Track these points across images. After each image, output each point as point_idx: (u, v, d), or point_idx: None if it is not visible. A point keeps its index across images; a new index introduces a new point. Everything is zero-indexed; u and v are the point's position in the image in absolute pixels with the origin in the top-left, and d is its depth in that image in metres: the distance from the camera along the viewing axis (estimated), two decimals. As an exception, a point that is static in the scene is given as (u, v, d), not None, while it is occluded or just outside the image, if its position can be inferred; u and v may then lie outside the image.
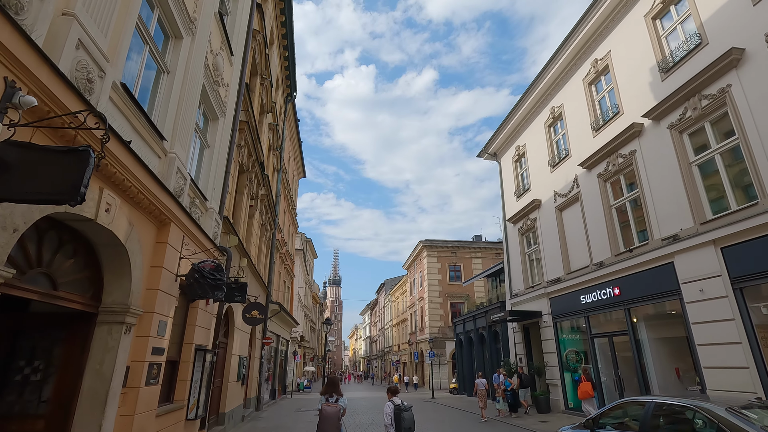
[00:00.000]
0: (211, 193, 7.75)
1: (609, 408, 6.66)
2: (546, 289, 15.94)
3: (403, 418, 5.46)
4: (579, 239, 14.46)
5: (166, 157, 5.59)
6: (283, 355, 24.76)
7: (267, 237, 16.48)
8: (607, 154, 13.02)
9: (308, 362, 45.26)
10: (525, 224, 18.19)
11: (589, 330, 13.59)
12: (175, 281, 5.74)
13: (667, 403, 5.56)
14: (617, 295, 12.18)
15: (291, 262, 26.60)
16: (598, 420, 6.42)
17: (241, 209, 10.90)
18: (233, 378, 11.21)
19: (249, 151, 11.16)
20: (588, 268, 13.68)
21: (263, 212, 14.87)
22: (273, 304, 17.66)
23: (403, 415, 5.49)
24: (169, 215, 5.41)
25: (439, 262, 38.25)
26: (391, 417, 5.54)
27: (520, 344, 17.82)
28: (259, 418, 14.16)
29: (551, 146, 16.86)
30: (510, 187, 20.23)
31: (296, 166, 27.84)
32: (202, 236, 6.69)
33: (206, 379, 7.23)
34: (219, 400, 10.31)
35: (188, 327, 6.80)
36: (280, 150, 19.20)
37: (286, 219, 23.82)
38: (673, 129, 10.63)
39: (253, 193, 12.58)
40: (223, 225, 8.69)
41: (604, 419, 6.41)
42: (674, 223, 10.42)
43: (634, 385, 11.86)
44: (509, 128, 20.01)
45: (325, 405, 5.77)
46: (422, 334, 37.96)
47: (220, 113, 8.15)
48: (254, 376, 15.43)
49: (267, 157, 15.93)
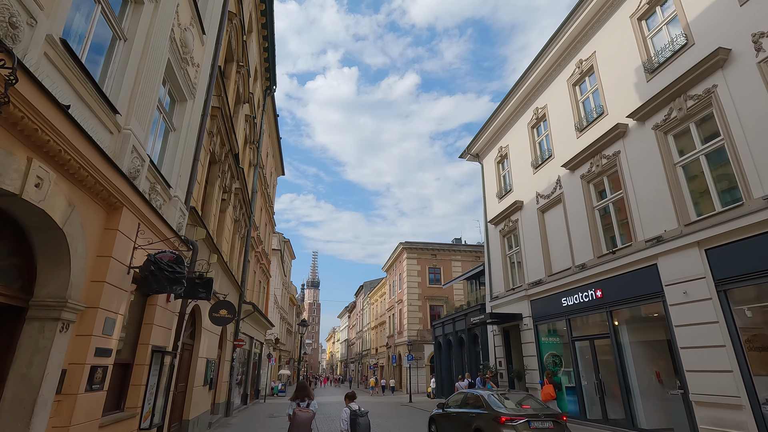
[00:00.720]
0: (176, 180, 7.11)
1: (451, 397, 11.17)
2: (527, 291, 15.73)
3: (358, 423, 5.51)
4: (561, 241, 14.30)
5: (119, 133, 4.96)
6: (257, 358, 23.87)
7: (241, 234, 15.74)
8: (591, 155, 12.90)
9: (284, 365, 44.16)
10: (507, 226, 18.00)
11: (570, 333, 13.41)
12: (127, 274, 5.10)
13: (471, 392, 10.06)
14: (599, 297, 12.02)
15: (267, 262, 25.76)
16: (446, 405, 10.85)
17: (212, 202, 10.22)
18: (199, 382, 10.47)
19: (222, 141, 10.50)
20: (570, 270, 13.52)
21: (237, 207, 14.16)
22: (246, 304, 16.90)
23: (358, 420, 5.53)
24: (120, 199, 4.78)
25: (419, 264, 37.94)
26: (347, 422, 5.56)
27: (500, 347, 17.57)
28: (228, 424, 13.39)
29: (534, 147, 16.73)
30: (492, 189, 20.05)
31: (275, 163, 27.06)
32: (163, 225, 6.05)
33: (165, 383, 6.56)
34: (182, 406, 9.58)
35: (144, 326, 6.13)
36: (257, 144, 18.48)
37: (262, 217, 23.03)
38: (657, 130, 10.53)
39: (226, 185, 11.89)
40: (190, 216, 8.03)
41: (449, 404, 10.76)
42: (658, 225, 10.30)
43: (614, 388, 11.70)
44: (492, 129, 19.84)
45: (297, 410, 5.69)
46: (400, 337, 37.53)
47: (188, 94, 7.52)
48: (224, 380, 14.63)
49: (243, 150, 15.22)
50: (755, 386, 7.85)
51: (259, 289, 23.06)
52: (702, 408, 8.73)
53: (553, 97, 15.59)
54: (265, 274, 25.26)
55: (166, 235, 5.95)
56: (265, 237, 24.66)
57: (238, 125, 13.14)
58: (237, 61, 12.11)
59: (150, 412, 5.95)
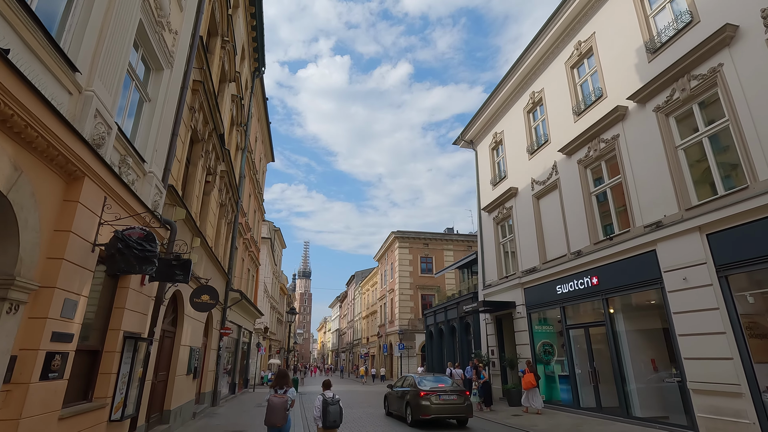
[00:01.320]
0: (151, 155, 6.59)
1: (397, 381, 13.82)
2: (521, 279, 15.48)
3: (329, 411, 5.92)
4: (556, 228, 14.02)
5: (80, 94, 4.44)
6: (246, 347, 23.47)
7: (228, 219, 15.20)
8: (589, 139, 12.56)
9: (274, 355, 43.87)
10: (501, 213, 17.68)
11: (565, 321, 13.19)
12: (92, 251, 4.62)
13: (408, 376, 12.92)
14: (595, 284, 11.77)
15: (256, 250, 25.23)
16: (393, 386, 13.46)
17: (194, 182, 9.69)
18: (182, 371, 10.04)
19: (205, 118, 9.93)
20: (565, 257, 13.26)
21: (223, 191, 13.61)
22: (234, 291, 16.43)
23: (329, 408, 5.94)
24: (81, 167, 4.28)
25: (410, 253, 37.66)
26: (320, 409, 5.98)
27: (492, 336, 17.37)
28: (214, 414, 13.01)
29: (530, 132, 16.36)
30: (486, 176, 19.69)
31: (264, 149, 26.38)
32: (135, 201, 5.55)
33: (140, 372, 6.12)
34: (164, 396, 9.15)
35: (115, 310, 5.66)
36: (245, 128, 17.84)
37: (251, 203, 22.44)
38: (659, 112, 10.19)
39: (211, 167, 11.34)
40: (168, 195, 7.52)
41: (396, 385, 13.40)
42: (658, 210, 10.01)
43: (609, 376, 11.52)
44: (487, 114, 19.42)
45: (273, 396, 5.94)
46: (392, 327, 37.38)
47: (165, 63, 6.96)
48: (210, 369, 14.21)
49: (229, 131, 14.62)
50: (756, 374, 7.64)
51: (247, 277, 22.57)
52: (700, 396, 8.54)
53: (550, 81, 15.18)
54: (254, 262, 24.75)
55: (136, 211, 5.45)
56: (254, 224, 24.10)
57: (223, 105, 12.54)
58: (222, 35, 11.47)
59: (123, 403, 5.52)
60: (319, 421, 5.98)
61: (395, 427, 11.09)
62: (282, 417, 5.77)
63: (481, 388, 13.87)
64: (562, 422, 10.96)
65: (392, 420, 12.44)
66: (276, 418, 5.75)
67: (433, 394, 10.90)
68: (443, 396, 10.93)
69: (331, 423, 5.93)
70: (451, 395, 11.04)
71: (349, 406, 16.12)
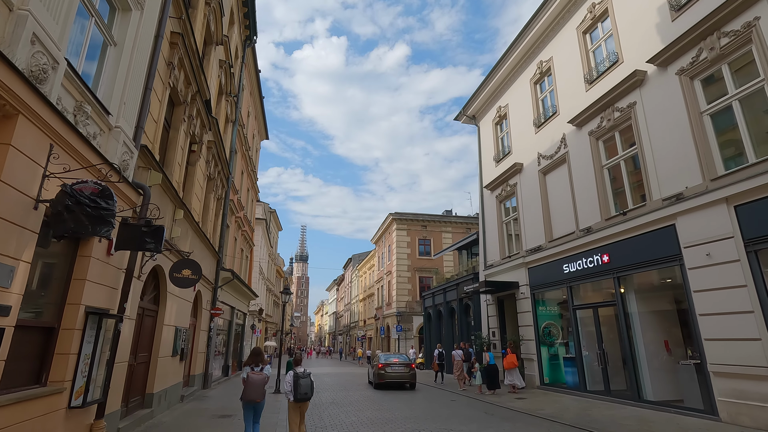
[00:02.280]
0: (118, 107, 5.75)
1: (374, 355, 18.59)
2: (525, 258, 14.84)
3: (299, 384, 6.00)
4: (564, 204, 13.30)
5: (10, 13, 3.60)
6: (240, 329, 22.91)
7: (217, 194, 14.38)
8: (602, 109, 11.73)
9: (270, 337, 43.58)
10: (504, 190, 16.93)
11: (572, 301, 12.58)
12: (34, 209, 3.84)
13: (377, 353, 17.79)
14: (606, 262, 11.11)
15: (250, 230, 24.46)
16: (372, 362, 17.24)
17: (176, 148, 8.85)
18: (166, 353, 9.38)
19: (187, 78, 9.03)
20: (573, 234, 12.58)
21: (211, 163, 12.76)
22: (225, 271, 15.73)
23: (300, 381, 6.02)
24: (13, 102, 3.48)
25: (408, 235, 37.02)
26: (291, 384, 6.05)
27: (494, 317, 16.82)
28: (204, 397, 12.44)
29: (537, 105, 15.49)
30: (489, 152, 18.86)
31: (257, 125, 25.38)
32: (93, 154, 4.75)
33: (108, 352, 5.41)
34: (145, 378, 8.50)
35: (75, 282, 4.91)
36: (236, 99, 16.87)
37: (244, 181, 21.58)
38: (683, 75, 9.37)
39: (196, 134, 10.48)
40: (142, 157, 6.71)
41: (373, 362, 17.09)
42: (678, 182, 9.28)
43: (618, 358, 10.98)
44: (490, 88, 18.48)
45: (251, 373, 6.08)
46: (389, 309, 37.00)
47: (133, 2, 6.06)
48: (200, 351, 13.60)
49: (217, 99, 13.69)
50: (787, 355, 7.04)
51: (241, 257, 21.87)
52: (721, 379, 7.96)
53: (559, 49, 14.25)
54: (248, 242, 24.01)
55: (91, 162, 4.64)
56: (248, 203, 23.28)
57: (209, 69, 11.59)
58: (205, -11, 10.48)
59: (85, 387, 4.82)
60: (290, 394, 6.06)
61: (367, 390, 14.60)
62: (261, 393, 6.07)
63: (484, 370, 13.29)
64: (569, 405, 10.44)
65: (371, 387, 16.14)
66: (256, 394, 6.00)
67: (388, 366, 15.29)
68: (395, 367, 15.30)
69: (302, 395, 6.01)
70: (401, 367, 15.37)
71: (345, 388, 15.66)
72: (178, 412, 9.65)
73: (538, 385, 13.73)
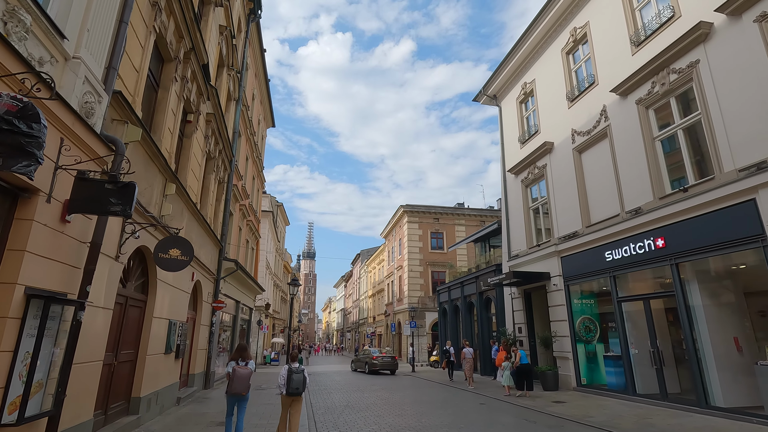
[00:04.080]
0: (79, 35, 4.46)
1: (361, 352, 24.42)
2: (557, 246, 13.40)
3: (292, 379, 6.14)
4: (605, 184, 11.84)
5: None
6: (246, 325, 21.73)
7: (219, 176, 13.12)
8: (654, 72, 10.25)
9: (278, 334, 42.51)
10: (531, 173, 15.48)
11: (616, 293, 11.13)
12: None
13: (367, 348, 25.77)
14: (661, 247, 9.66)
15: (256, 221, 23.23)
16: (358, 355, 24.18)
17: (165, 111, 7.55)
18: (157, 349, 8.14)
19: (178, 29, 7.73)
20: (618, 217, 11.12)
21: (211, 140, 11.49)
22: (228, 261, 14.49)
23: (293, 376, 6.16)
24: None
25: (420, 228, 35.62)
26: (285, 378, 6.18)
27: (520, 312, 15.41)
28: (205, 399, 11.22)
29: (569, 77, 14.00)
30: (513, 134, 17.40)
31: (263, 111, 24.11)
32: (11, 58, 3.44)
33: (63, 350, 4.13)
34: (130, 380, 7.25)
35: (10, 254, 3.64)
36: (239, 75, 15.60)
37: (249, 168, 20.33)
38: (764, 21, 7.86)
39: (191, 101, 9.20)
40: (117, 107, 5.42)
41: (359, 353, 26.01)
42: (758, 148, 7.81)
43: (676, 358, 9.55)
44: (514, 64, 17.01)
45: (237, 367, 6.16)
46: (400, 305, 35.67)
47: None
48: (201, 348, 12.37)
49: (217, 70, 12.42)
50: None
51: (246, 249, 20.66)
52: (825, 384, 6.51)
53: (597, 11, 12.74)
54: (254, 233, 22.79)
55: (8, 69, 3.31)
56: (253, 192, 22.05)
57: (207, 30, 10.28)
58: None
59: (21, 398, 3.53)
60: (283, 388, 6.19)
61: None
62: (246, 386, 6.14)
63: (516, 370, 11.87)
64: (620, 411, 9.03)
65: (358, 373, 21.82)
66: (241, 387, 6.09)
67: (377, 358, 20.92)
68: (382, 359, 20.96)
69: (293, 390, 6.15)
70: (387, 358, 21.10)
71: (359, 388, 14.38)
72: (172, 417, 8.41)
73: (575, 386, 12.32)
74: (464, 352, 15.86)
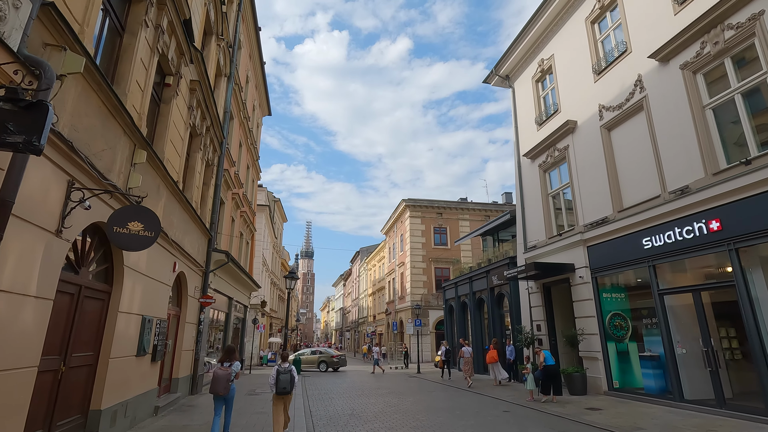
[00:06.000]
0: None
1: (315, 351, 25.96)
2: (583, 235, 12.08)
3: (279, 379, 6.48)
4: (640, 163, 10.53)
5: None
6: (240, 323, 20.35)
7: (206, 156, 11.74)
8: (703, 31, 8.93)
9: (275, 333, 41.11)
10: (550, 156, 14.15)
11: (656, 284, 9.81)
12: None
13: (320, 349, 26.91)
14: (716, 230, 8.34)
15: (251, 213, 21.84)
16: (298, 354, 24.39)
17: (133, 60, 6.18)
18: (127, 351, 6.78)
19: (148, -37, 6.36)
20: (658, 199, 9.81)
21: (196, 113, 10.12)
22: (218, 252, 13.12)
23: (280, 377, 6.49)
24: None
25: (423, 223, 34.29)
26: (274, 378, 6.54)
27: (539, 308, 14.09)
28: (190, 407, 9.86)
29: (595, 48, 12.67)
30: (528, 115, 16.08)
31: (258, 97, 22.72)
32: None
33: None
34: (87, 388, 5.89)
35: None
36: (230, 50, 14.23)
37: (243, 156, 18.95)
38: None
39: (170, 59, 7.83)
40: (48, 24, 4.06)
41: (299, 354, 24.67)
42: None
43: (735, 359, 8.24)
44: (529, 40, 15.68)
45: (218, 369, 6.33)
46: (402, 303, 34.35)
47: None
48: (185, 349, 10.99)
49: (203, 35, 11.05)
50: None
51: (240, 242, 19.27)
52: None
53: (629, -28, 11.41)
54: (249, 226, 21.40)
55: None
56: (248, 182, 20.66)
57: (190, -18, 8.90)
58: None
59: None
60: (273, 387, 6.49)
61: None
62: (224, 387, 6.24)
63: (542, 373, 10.50)
64: (672, 422, 7.71)
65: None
66: (218, 388, 6.21)
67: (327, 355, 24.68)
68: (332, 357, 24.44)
69: (281, 389, 6.44)
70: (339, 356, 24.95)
71: (363, 392, 13.02)
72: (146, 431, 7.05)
73: (606, 390, 11.01)
74: (462, 351, 15.57)
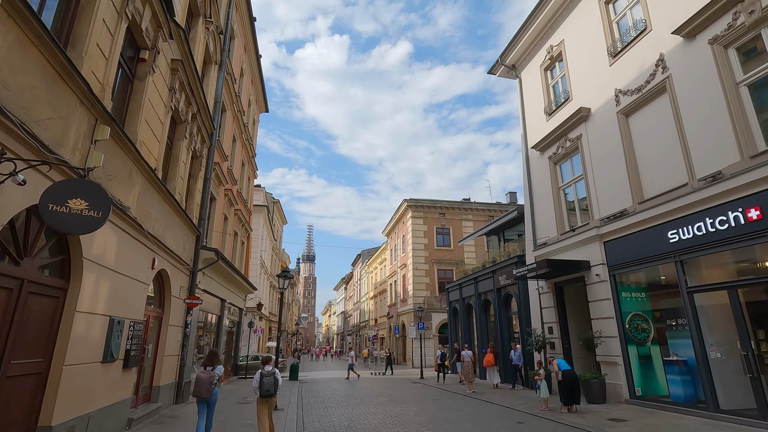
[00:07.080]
0: None
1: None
2: (599, 229, 11.20)
3: (263, 382, 6.40)
4: (663, 150, 9.67)
5: None
6: (234, 327, 19.44)
7: (193, 146, 10.90)
8: (732, 2, 8.09)
9: (274, 338, 40.14)
10: (561, 147, 13.29)
11: (684, 282, 8.91)
12: None
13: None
14: (755, 219, 7.45)
15: (246, 212, 21.00)
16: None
17: (90, 19, 5.34)
18: (88, 357, 5.92)
19: None
20: (685, 187, 8.93)
21: (180, 96, 9.30)
22: (207, 250, 12.26)
23: (263, 380, 6.41)
24: None
25: (425, 224, 33.39)
26: (257, 381, 6.44)
27: (550, 309, 13.18)
28: (171, 418, 8.96)
29: (610, 29, 11.83)
30: (536, 105, 15.24)
31: (254, 92, 21.95)
32: None
33: None
34: (35, 403, 5.02)
35: None
36: (221, 35, 13.44)
37: (238, 152, 18.15)
38: None
39: (143, 30, 7.01)
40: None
41: None
42: None
43: None
44: (536, 27, 14.87)
45: (201, 372, 6.45)
46: (404, 305, 33.41)
47: None
48: (169, 354, 10.10)
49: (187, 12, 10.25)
50: None
51: (235, 242, 18.42)
52: None
53: (647, -55, 10.59)
54: (244, 225, 20.55)
55: None
56: (243, 179, 19.84)
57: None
58: None
59: None
60: (257, 391, 6.42)
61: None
62: (207, 390, 6.36)
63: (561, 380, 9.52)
64: (711, 436, 6.79)
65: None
66: (201, 391, 6.35)
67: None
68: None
69: (264, 392, 6.38)
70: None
71: (362, 401, 12.10)
72: (112, 449, 6.16)
73: (627, 398, 10.08)
74: (462, 355, 15.40)
